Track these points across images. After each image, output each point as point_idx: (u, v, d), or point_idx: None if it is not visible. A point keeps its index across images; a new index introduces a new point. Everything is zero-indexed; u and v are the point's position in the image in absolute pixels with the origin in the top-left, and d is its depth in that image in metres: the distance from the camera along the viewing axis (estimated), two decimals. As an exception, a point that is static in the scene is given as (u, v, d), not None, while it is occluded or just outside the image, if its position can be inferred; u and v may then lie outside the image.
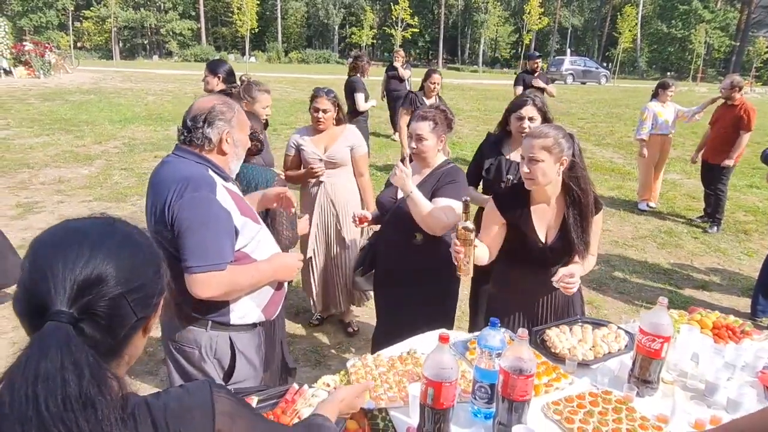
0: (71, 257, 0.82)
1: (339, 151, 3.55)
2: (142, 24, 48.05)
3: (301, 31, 53.76)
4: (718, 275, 5.26)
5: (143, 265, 0.90)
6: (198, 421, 0.92)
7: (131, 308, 0.86)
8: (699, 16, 43.44)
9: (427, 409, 1.54)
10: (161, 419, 0.88)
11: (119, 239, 0.89)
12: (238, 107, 1.98)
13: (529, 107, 3.01)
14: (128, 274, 0.86)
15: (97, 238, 0.86)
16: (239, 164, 2.03)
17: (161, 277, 0.94)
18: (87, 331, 0.81)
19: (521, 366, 1.53)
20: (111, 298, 0.83)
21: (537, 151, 2.13)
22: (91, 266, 0.82)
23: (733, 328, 2.29)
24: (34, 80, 18.79)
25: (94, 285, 0.82)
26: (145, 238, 0.95)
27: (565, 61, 33.60)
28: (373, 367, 1.95)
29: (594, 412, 1.73)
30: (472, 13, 52.74)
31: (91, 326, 0.81)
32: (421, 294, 2.66)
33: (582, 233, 2.25)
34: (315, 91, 3.49)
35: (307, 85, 21.42)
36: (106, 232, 0.89)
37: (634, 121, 10.30)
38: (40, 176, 7.54)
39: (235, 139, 1.93)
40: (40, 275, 0.81)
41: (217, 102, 1.91)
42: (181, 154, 1.88)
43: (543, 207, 2.29)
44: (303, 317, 4.13)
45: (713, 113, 6.49)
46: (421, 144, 2.61)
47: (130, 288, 0.86)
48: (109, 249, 0.86)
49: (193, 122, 1.87)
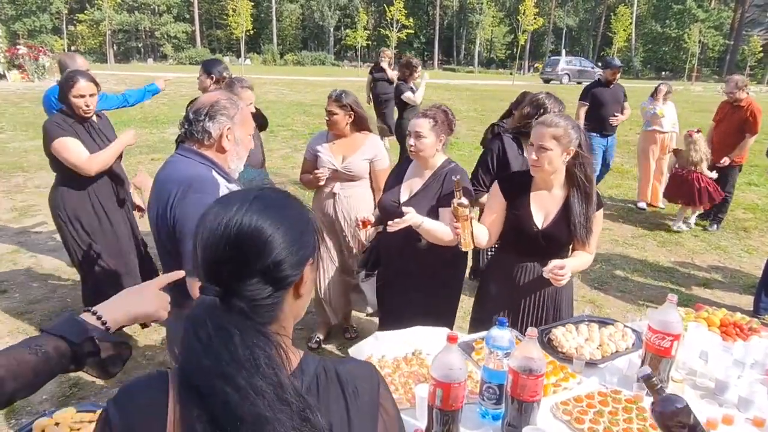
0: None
1: (356, 163, 3.32)
2: (136, 27, 47.94)
3: (296, 33, 53.75)
4: (720, 273, 5.25)
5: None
6: (368, 387, 0.95)
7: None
8: (693, 16, 43.64)
9: (436, 410, 1.50)
10: (344, 374, 0.93)
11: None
12: (243, 105, 1.95)
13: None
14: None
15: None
16: (241, 164, 1.99)
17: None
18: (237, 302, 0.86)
19: (531, 366, 1.50)
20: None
21: (547, 140, 2.16)
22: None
23: (740, 326, 2.27)
24: (28, 84, 18.71)
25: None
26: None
27: (561, 61, 33.71)
28: (378, 369, 1.91)
29: (604, 411, 1.70)
30: (467, 13, 52.84)
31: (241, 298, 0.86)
32: (424, 295, 2.64)
33: (585, 221, 2.26)
34: (330, 93, 3.32)
35: (304, 87, 21.42)
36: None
37: (631, 120, 10.33)
38: (35, 179, 7.47)
39: (236, 137, 1.89)
40: None
41: (222, 97, 1.89)
42: (184, 154, 1.85)
43: (544, 194, 2.32)
44: (303, 320, 4.06)
45: (717, 111, 6.36)
46: (420, 141, 2.56)
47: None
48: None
49: (195, 115, 1.84)
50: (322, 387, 0.90)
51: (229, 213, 0.88)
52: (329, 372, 0.92)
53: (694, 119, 6.00)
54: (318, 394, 0.89)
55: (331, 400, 0.90)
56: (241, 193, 0.96)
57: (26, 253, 5.02)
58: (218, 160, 1.88)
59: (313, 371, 0.92)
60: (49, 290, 4.33)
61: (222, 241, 0.86)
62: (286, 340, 0.89)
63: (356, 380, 0.94)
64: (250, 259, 0.86)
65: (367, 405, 0.93)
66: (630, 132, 12.77)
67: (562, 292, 2.43)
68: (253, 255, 0.86)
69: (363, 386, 0.94)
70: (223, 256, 0.86)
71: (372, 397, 0.94)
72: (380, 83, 8.67)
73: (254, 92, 3.43)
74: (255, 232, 0.87)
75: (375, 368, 1.01)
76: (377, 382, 0.97)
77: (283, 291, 0.90)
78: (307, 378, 0.90)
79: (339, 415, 0.89)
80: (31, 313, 3.95)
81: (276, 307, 0.90)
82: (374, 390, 0.95)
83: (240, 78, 3.39)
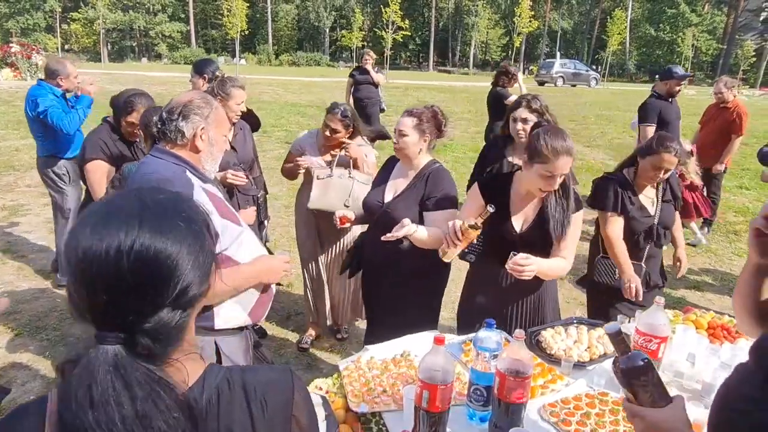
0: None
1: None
2: (130, 26, 47.74)
3: (291, 33, 53.69)
4: (710, 275, 5.28)
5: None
6: (279, 398, 0.88)
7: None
8: (686, 20, 43.96)
9: (422, 412, 1.50)
10: (252, 384, 0.85)
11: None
12: (217, 105, 1.95)
13: (522, 109, 2.95)
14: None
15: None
16: (216, 165, 1.98)
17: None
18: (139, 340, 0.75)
19: (518, 368, 1.50)
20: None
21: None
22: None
23: (728, 328, 2.28)
24: (21, 82, 18.53)
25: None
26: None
27: (556, 64, 33.81)
28: (367, 370, 1.91)
29: (591, 413, 1.70)
30: (462, 15, 52.98)
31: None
32: (408, 295, 2.62)
33: (562, 215, 2.23)
34: (331, 106, 3.30)
35: (298, 88, 21.38)
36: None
37: (625, 122, 10.41)
38: (26, 179, 7.42)
39: (210, 137, 1.89)
40: None
41: (196, 97, 1.89)
42: (158, 155, 1.85)
43: (524, 198, 2.30)
44: (294, 320, 4.08)
45: (704, 113, 6.39)
46: (402, 140, 2.55)
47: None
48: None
49: (168, 114, 1.84)
50: (224, 400, 0.82)
51: (116, 234, 0.71)
52: (234, 383, 0.84)
53: (684, 122, 5.97)
54: (219, 407, 0.82)
55: (235, 413, 0.82)
56: (120, 201, 0.79)
57: (15, 253, 4.98)
58: (192, 160, 1.87)
59: (215, 384, 0.83)
60: (38, 290, 4.30)
61: (116, 274, 0.70)
62: (188, 357, 0.81)
63: (266, 390, 0.86)
64: (157, 290, 0.73)
65: (277, 417, 0.86)
66: (623, 134, 12.85)
67: (545, 297, 2.43)
68: (160, 285, 0.73)
69: (273, 397, 0.86)
70: (120, 293, 0.71)
71: (283, 408, 0.87)
72: (364, 86, 8.29)
73: (247, 92, 3.43)
74: (158, 256, 0.72)
75: (291, 375, 0.93)
76: (291, 391, 0.89)
77: (192, 309, 0.81)
78: (208, 391, 0.82)
79: (243, 427, 0.82)
80: (19, 313, 3.92)
81: (184, 328, 0.80)
82: (286, 400, 0.88)
83: (231, 77, 3.37)
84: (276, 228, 5.97)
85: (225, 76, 3.35)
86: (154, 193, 0.81)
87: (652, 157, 2.71)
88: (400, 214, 2.45)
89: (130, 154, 3.28)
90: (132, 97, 3.18)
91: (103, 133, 3.22)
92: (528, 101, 2.95)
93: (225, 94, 3.20)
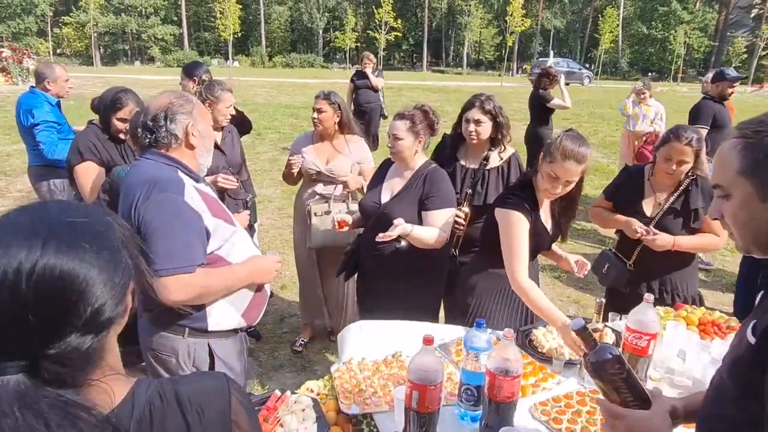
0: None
1: (339, 167, 3.33)
2: (123, 29, 47.46)
3: (285, 35, 53.56)
4: (702, 271, 5.29)
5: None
6: (217, 403, 0.86)
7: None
8: (678, 18, 44.08)
9: (412, 413, 1.50)
10: (186, 395, 0.82)
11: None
12: (194, 98, 1.95)
13: (474, 110, 2.79)
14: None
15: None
16: (209, 158, 1.99)
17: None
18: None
19: (507, 367, 1.51)
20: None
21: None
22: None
23: (719, 324, 2.29)
24: (12, 87, 18.42)
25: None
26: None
27: (549, 63, 33.92)
28: (358, 371, 1.91)
29: (582, 411, 1.71)
30: (455, 15, 53.00)
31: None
32: (404, 297, 2.62)
33: (566, 212, 2.40)
34: (317, 93, 3.33)
35: (292, 89, 21.34)
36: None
37: (617, 120, 10.43)
38: (17, 184, 7.38)
39: (200, 131, 1.89)
40: None
41: (173, 97, 1.89)
42: (149, 157, 1.84)
43: (545, 203, 2.37)
44: (287, 322, 4.07)
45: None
46: (397, 143, 2.57)
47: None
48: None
49: (155, 122, 1.83)
50: (156, 414, 0.78)
51: (14, 255, 0.65)
52: (166, 395, 0.80)
53: (675, 119, 6.00)
54: (151, 423, 0.77)
55: (170, 427, 0.79)
56: (20, 217, 0.71)
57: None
58: (185, 160, 1.87)
59: (146, 399, 0.79)
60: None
61: (12, 299, 0.64)
62: (111, 377, 0.77)
63: (201, 399, 0.83)
64: (64, 315, 0.67)
65: (216, 424, 0.83)
66: (617, 132, 12.88)
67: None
68: (67, 309, 0.67)
69: (209, 405, 0.83)
70: (18, 320, 0.64)
71: (221, 415, 0.84)
72: (363, 91, 7.99)
73: (241, 94, 3.42)
74: (65, 278, 0.67)
75: (227, 379, 0.90)
76: (227, 396, 0.87)
77: (107, 332, 0.75)
78: (138, 408, 0.78)
79: None
80: None
81: (98, 351, 0.74)
82: (224, 405, 0.85)
83: (219, 81, 3.37)
84: (270, 230, 5.96)
85: (212, 80, 3.34)
86: (61, 207, 0.74)
87: (664, 148, 2.57)
88: (397, 214, 2.47)
89: (119, 155, 3.25)
90: (119, 94, 3.16)
91: (92, 135, 3.19)
92: (482, 102, 2.79)
93: (214, 97, 3.20)
